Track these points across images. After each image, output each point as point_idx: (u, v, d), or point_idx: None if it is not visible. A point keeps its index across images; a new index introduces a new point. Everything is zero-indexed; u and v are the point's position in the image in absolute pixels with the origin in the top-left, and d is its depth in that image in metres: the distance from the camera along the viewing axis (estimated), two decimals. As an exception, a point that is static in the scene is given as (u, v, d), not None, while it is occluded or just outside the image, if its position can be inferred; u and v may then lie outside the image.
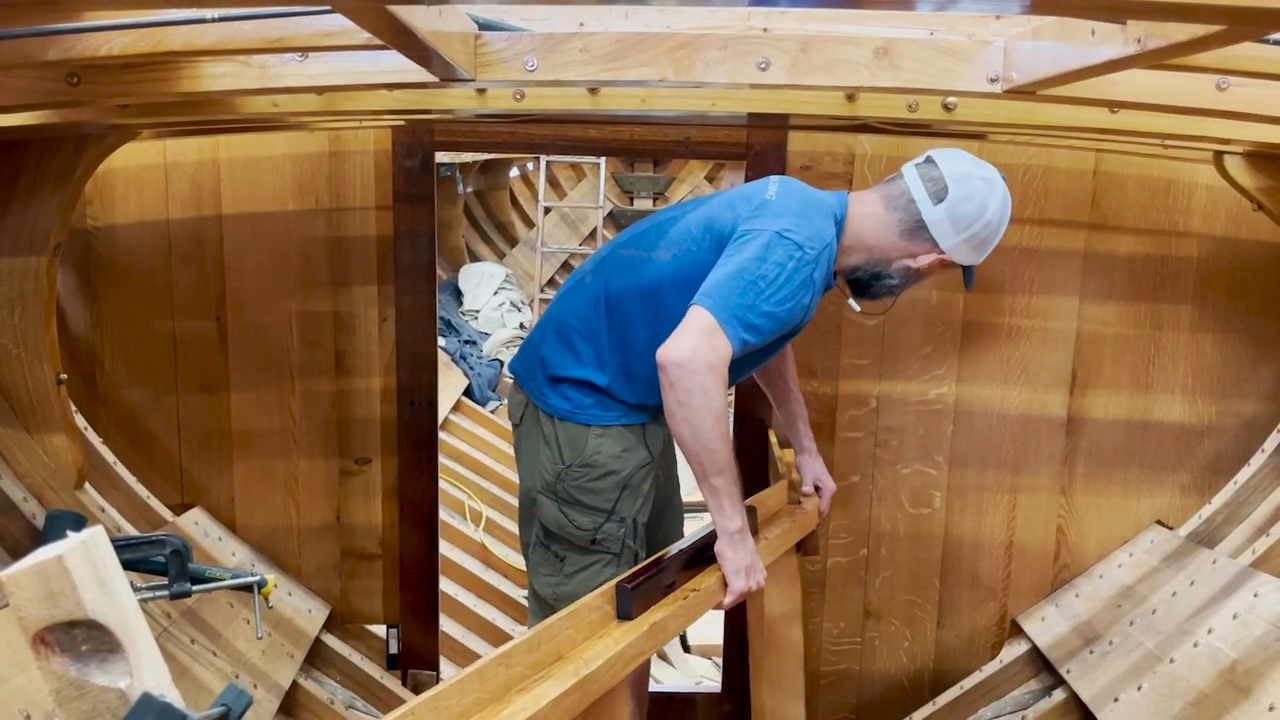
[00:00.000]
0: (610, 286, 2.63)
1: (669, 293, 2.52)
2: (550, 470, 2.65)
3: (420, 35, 1.65)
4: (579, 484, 2.63)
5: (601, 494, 2.64)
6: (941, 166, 2.45)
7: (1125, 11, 1.44)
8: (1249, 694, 2.40)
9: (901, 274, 2.54)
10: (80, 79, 2.05)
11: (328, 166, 3.39)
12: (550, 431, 2.66)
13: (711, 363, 2.23)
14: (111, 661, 1.06)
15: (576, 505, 2.64)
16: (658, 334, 2.38)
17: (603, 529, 2.65)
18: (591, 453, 2.63)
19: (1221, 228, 3.30)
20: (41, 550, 1.04)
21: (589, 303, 2.65)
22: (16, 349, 2.82)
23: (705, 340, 2.24)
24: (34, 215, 2.78)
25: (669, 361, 2.24)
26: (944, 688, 3.52)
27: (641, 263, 2.62)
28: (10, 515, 2.69)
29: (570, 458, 2.63)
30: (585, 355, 2.64)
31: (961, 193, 2.42)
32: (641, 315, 2.58)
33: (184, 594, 2.47)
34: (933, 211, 2.43)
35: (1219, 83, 1.99)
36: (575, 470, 2.63)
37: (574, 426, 2.64)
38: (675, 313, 2.36)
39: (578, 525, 2.64)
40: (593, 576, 2.64)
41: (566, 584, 2.67)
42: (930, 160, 2.48)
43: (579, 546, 2.66)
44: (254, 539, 3.54)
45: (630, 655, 1.94)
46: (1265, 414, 3.33)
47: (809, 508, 2.92)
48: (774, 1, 2.29)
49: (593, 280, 2.68)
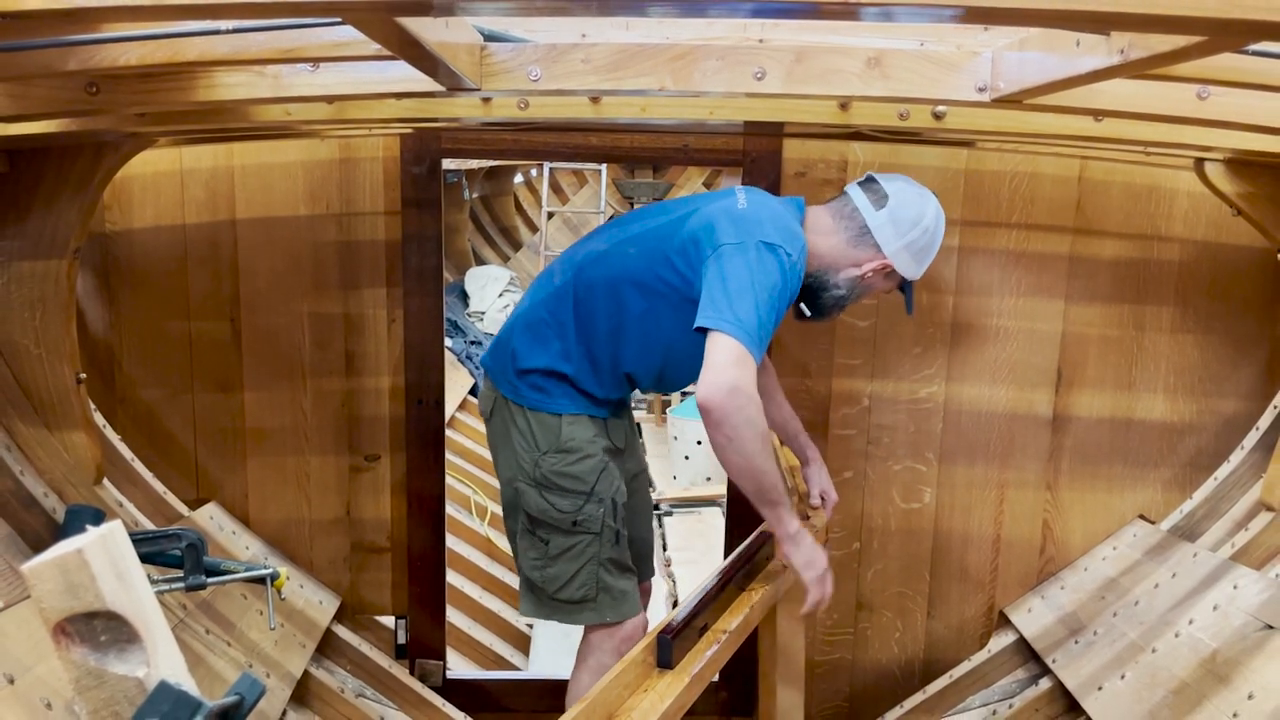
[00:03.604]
0: (579, 279, 2.67)
1: (630, 290, 2.60)
2: (528, 458, 2.69)
3: (428, 46, 1.66)
4: (557, 469, 2.68)
5: (579, 477, 2.68)
6: (881, 182, 2.64)
7: (1105, 23, 1.43)
8: (1228, 682, 2.43)
9: (848, 284, 2.67)
10: (99, 88, 2.07)
11: (338, 173, 3.40)
12: (523, 422, 2.70)
13: (750, 393, 2.27)
14: (129, 651, 1.07)
15: (556, 489, 2.68)
16: (618, 327, 2.61)
17: (583, 510, 2.68)
18: (566, 439, 2.68)
19: (1202, 232, 3.33)
20: (62, 544, 1.04)
21: (557, 296, 2.69)
22: (37, 349, 2.84)
23: (737, 372, 2.27)
24: (54, 220, 2.79)
25: (711, 404, 2.26)
26: (934, 677, 3.55)
27: (608, 257, 2.67)
28: (31, 510, 2.70)
29: (545, 444, 2.68)
30: (553, 347, 2.67)
31: (900, 200, 2.61)
32: (605, 308, 2.64)
33: (199, 586, 2.49)
34: (875, 217, 2.60)
35: (1200, 92, 2.01)
36: (552, 456, 2.68)
37: (545, 415, 2.69)
38: (635, 308, 2.54)
39: (559, 509, 2.68)
40: (576, 556, 2.70)
41: (551, 566, 2.71)
42: (871, 178, 2.66)
43: (561, 529, 2.69)
44: (267, 533, 3.56)
45: (676, 710, 1.95)
46: (1244, 412, 3.36)
47: (818, 523, 2.91)
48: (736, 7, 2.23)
49: (561, 277, 2.72)
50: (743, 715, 3.75)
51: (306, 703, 3.27)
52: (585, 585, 2.71)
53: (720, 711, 3.78)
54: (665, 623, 2.15)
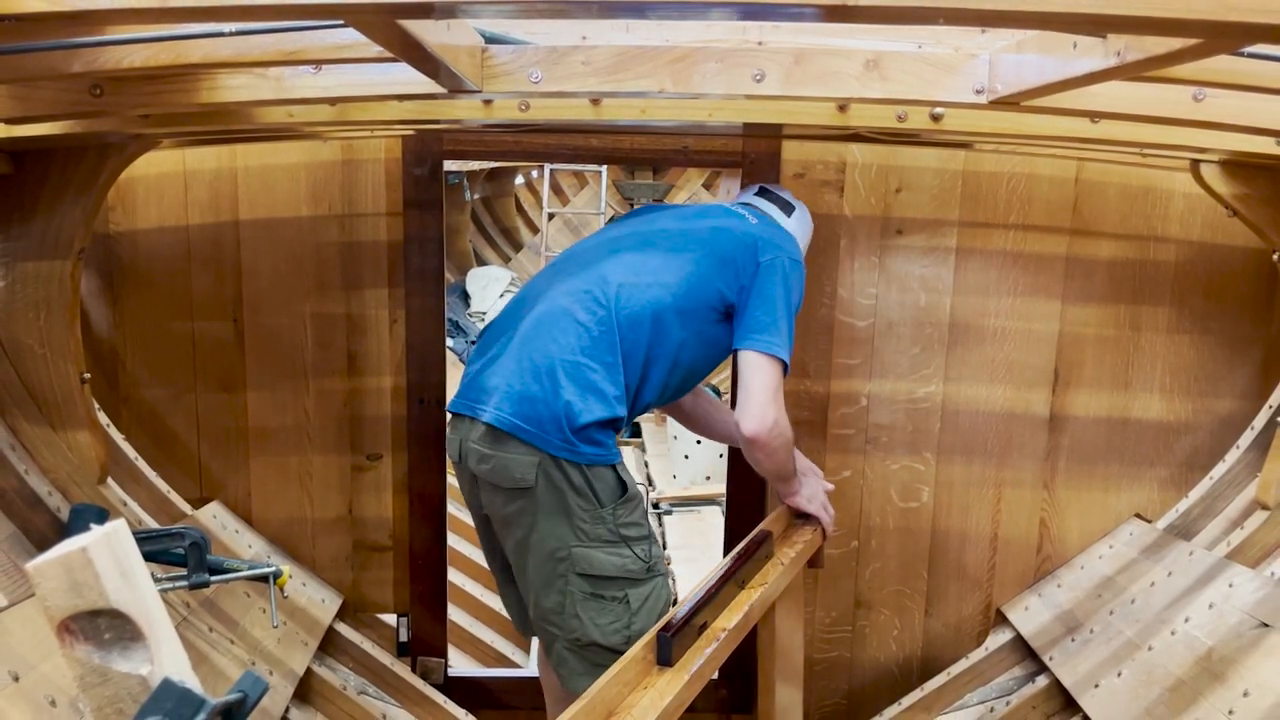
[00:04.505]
0: (621, 310, 2.56)
1: (672, 317, 2.60)
2: (589, 518, 2.51)
3: (429, 48, 1.67)
4: (627, 520, 2.55)
5: (641, 522, 2.60)
6: (775, 191, 2.98)
7: (1102, 25, 1.44)
8: (1224, 680, 2.44)
9: None
10: (103, 90, 2.08)
11: (340, 174, 3.41)
12: (580, 480, 2.50)
13: (784, 422, 2.56)
14: (133, 649, 1.06)
15: (628, 541, 2.55)
16: (653, 358, 2.60)
17: (651, 553, 2.59)
18: (626, 487, 2.57)
19: (1198, 233, 3.35)
20: (66, 542, 1.04)
21: (596, 339, 2.54)
22: (42, 349, 2.85)
23: (777, 406, 2.53)
24: (59, 221, 2.80)
25: (758, 440, 2.53)
26: (931, 674, 3.56)
27: (649, 286, 2.60)
28: (36, 509, 2.71)
29: (608, 498, 2.52)
30: (608, 393, 2.51)
31: (801, 207, 2.97)
32: (648, 338, 2.58)
33: (202, 584, 2.50)
34: (788, 222, 2.90)
35: (1195, 94, 2.02)
36: (621, 508, 2.54)
37: (602, 469, 2.52)
38: (676, 336, 2.60)
39: (639, 557, 2.55)
40: (655, 601, 2.58)
41: (636, 620, 2.54)
42: (765, 189, 2.99)
43: (638, 579, 2.56)
44: (270, 532, 3.57)
45: (676, 707, 1.96)
46: (1240, 411, 3.38)
47: (815, 528, 2.93)
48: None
49: (591, 316, 2.56)
50: (742, 713, 3.76)
51: (309, 700, 3.28)
52: None
53: (719, 709, 3.78)
54: (665, 621, 2.17)
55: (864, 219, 3.43)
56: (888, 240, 3.43)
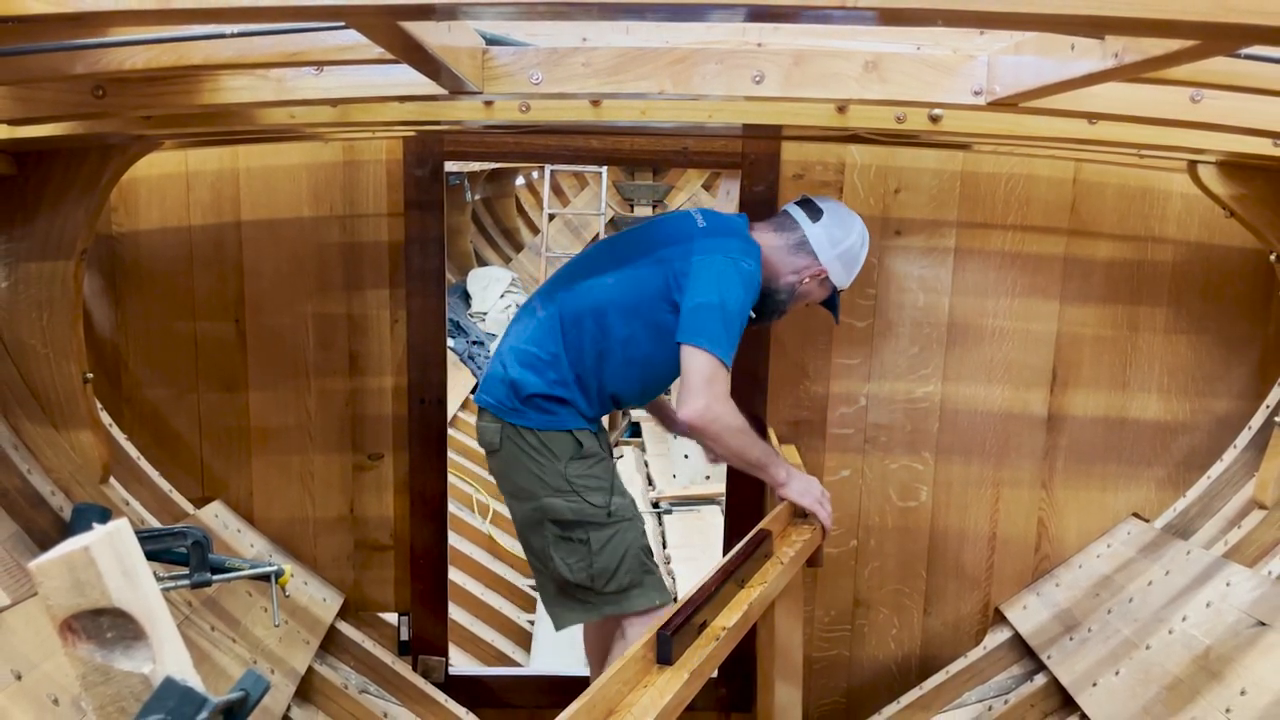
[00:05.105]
0: (565, 310, 2.88)
1: (615, 315, 2.84)
2: (549, 469, 2.86)
3: (430, 50, 1.67)
4: (581, 472, 2.86)
5: (600, 476, 2.89)
6: (816, 202, 2.98)
7: (1100, 27, 1.44)
8: (1221, 678, 2.46)
9: (787, 291, 2.97)
10: (106, 91, 2.08)
11: (342, 175, 3.42)
12: (535, 441, 2.86)
13: (719, 408, 2.67)
14: (135, 648, 1.06)
15: (586, 490, 2.86)
16: (603, 352, 2.86)
17: (613, 501, 2.88)
18: (582, 446, 2.88)
19: (1195, 234, 3.36)
20: (69, 541, 1.04)
21: (545, 329, 2.89)
22: (45, 349, 2.86)
23: (709, 392, 2.66)
24: (61, 222, 2.81)
25: (694, 424, 2.68)
26: (930, 673, 3.57)
27: (590, 288, 2.90)
28: (39, 508, 2.72)
29: (564, 454, 2.86)
30: (548, 375, 2.86)
31: (832, 215, 2.95)
32: (591, 334, 2.85)
33: (204, 583, 2.51)
34: (812, 229, 2.92)
35: (1193, 95, 2.02)
36: (575, 463, 2.86)
37: (555, 433, 2.86)
38: (619, 333, 2.83)
39: (593, 504, 2.85)
40: (618, 545, 2.87)
41: (598, 559, 2.86)
42: (807, 199, 3.00)
43: (598, 523, 2.85)
44: (271, 531, 3.58)
45: (675, 706, 1.97)
46: (1237, 411, 3.39)
47: (814, 526, 2.92)
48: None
49: (544, 309, 2.93)
50: (741, 711, 3.77)
51: (310, 699, 3.29)
52: (631, 570, 2.88)
53: (719, 707, 3.80)
54: (665, 620, 2.16)
55: (863, 219, 3.42)
56: (887, 241, 3.45)
